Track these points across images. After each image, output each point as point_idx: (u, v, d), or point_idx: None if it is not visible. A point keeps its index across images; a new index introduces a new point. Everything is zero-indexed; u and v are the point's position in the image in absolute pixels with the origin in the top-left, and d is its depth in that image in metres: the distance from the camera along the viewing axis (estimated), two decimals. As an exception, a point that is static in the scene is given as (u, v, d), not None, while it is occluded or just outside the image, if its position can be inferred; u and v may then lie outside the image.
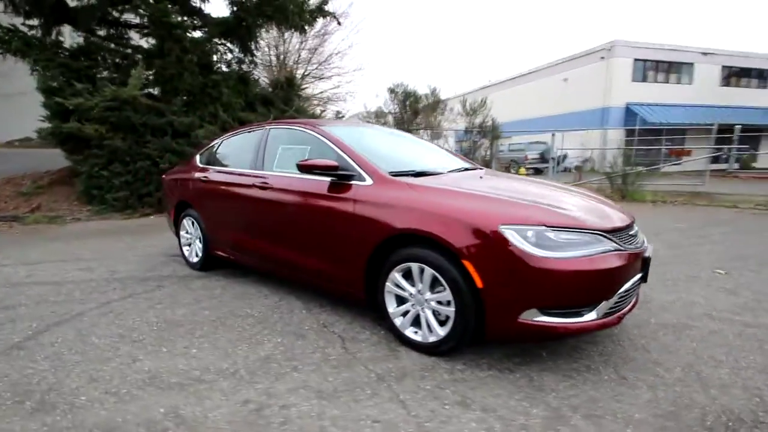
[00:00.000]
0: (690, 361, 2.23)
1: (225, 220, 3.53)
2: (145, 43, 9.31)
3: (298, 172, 2.93)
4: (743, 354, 2.29)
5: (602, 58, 19.85)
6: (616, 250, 2.04)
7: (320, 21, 12.62)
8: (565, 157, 14.92)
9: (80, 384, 2.03)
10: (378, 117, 15.52)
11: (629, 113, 19.60)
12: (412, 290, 2.30)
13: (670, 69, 20.70)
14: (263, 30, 10.37)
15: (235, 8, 9.27)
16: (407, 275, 2.33)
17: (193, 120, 8.25)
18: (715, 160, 11.89)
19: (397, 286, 2.36)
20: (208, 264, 3.90)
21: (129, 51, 9.06)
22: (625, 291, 2.09)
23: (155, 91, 8.67)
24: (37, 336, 2.57)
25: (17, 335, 2.58)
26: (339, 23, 12.42)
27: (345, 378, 2.07)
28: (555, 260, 1.91)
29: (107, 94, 7.02)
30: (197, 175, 3.84)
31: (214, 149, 3.90)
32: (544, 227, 1.96)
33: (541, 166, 15.95)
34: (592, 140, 17.66)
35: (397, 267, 2.32)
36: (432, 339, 2.24)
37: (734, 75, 21.65)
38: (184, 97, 8.42)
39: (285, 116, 10.35)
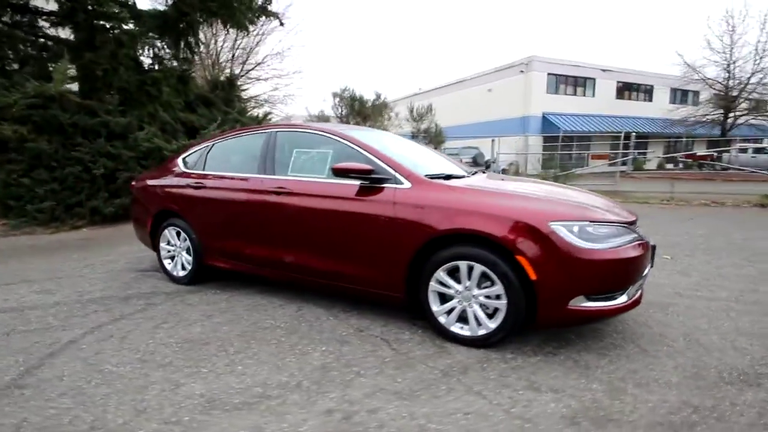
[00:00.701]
0: (685, 331, 2.65)
1: (225, 229, 3.31)
2: (64, 33, 8.19)
3: (319, 176, 2.91)
4: (720, 322, 2.79)
5: (521, 71, 21.90)
6: (637, 240, 2.36)
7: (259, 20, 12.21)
8: (494, 161, 16.17)
9: (128, 418, 1.80)
10: (321, 121, 15.38)
11: (546, 122, 21.89)
12: (459, 287, 2.41)
13: (577, 83, 23.57)
14: (206, 26, 9.72)
15: (175, 1, 8.57)
16: (450, 273, 2.44)
17: (130, 120, 7.45)
18: (614, 163, 13.78)
19: (442, 284, 2.46)
20: (198, 277, 3.61)
21: (49, 42, 7.89)
22: (643, 276, 2.43)
23: (79, 87, 7.66)
24: (34, 371, 2.20)
25: (7, 373, 2.18)
26: (282, 24, 12.09)
27: (413, 377, 2.12)
28: (597, 251, 2.17)
29: (29, 90, 6.06)
30: (186, 181, 3.54)
31: (205, 153, 3.61)
32: (586, 222, 2.22)
33: (475, 169, 17.04)
34: (516, 146, 19.34)
35: (444, 266, 2.42)
36: (482, 332, 2.37)
37: (626, 89, 25.36)
38: (113, 95, 7.57)
39: (228, 118, 9.81)
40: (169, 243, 3.72)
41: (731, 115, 20.79)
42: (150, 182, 3.88)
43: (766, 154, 17.65)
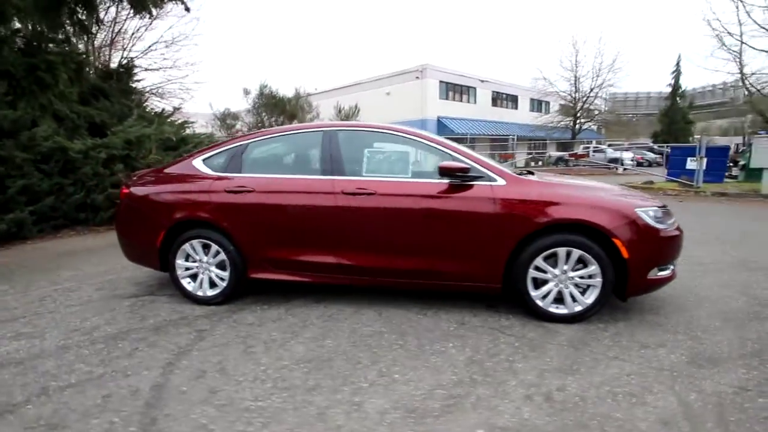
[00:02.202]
0: (684, 310, 3.43)
1: (281, 236, 3.00)
2: None
3: (402, 175, 2.91)
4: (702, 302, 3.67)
5: (417, 77, 23.56)
6: (676, 222, 2.99)
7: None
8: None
9: (345, 446, 1.62)
10: (228, 119, 14.21)
11: (440, 125, 23.99)
12: (556, 271, 2.72)
13: (462, 91, 26.37)
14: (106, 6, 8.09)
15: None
16: (546, 259, 2.72)
17: (23, 114, 5.85)
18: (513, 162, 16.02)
19: (539, 270, 2.73)
20: (234, 294, 3.18)
21: None
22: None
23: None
24: (149, 412, 1.75)
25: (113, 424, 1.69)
26: (187, 9, 10.73)
27: (554, 355, 2.33)
28: (664, 230, 2.70)
29: None
30: (220, 185, 3.06)
31: (238, 154, 3.15)
32: (654, 207, 2.74)
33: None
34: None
35: (543, 254, 2.69)
36: (578, 308, 2.72)
37: (499, 98, 29.38)
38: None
39: (128, 113, 8.39)
40: (188, 259, 3.17)
41: (578, 122, 25.93)
42: (158, 188, 3.23)
43: (602, 153, 22.54)
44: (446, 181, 2.79)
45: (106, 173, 6.80)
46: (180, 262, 3.18)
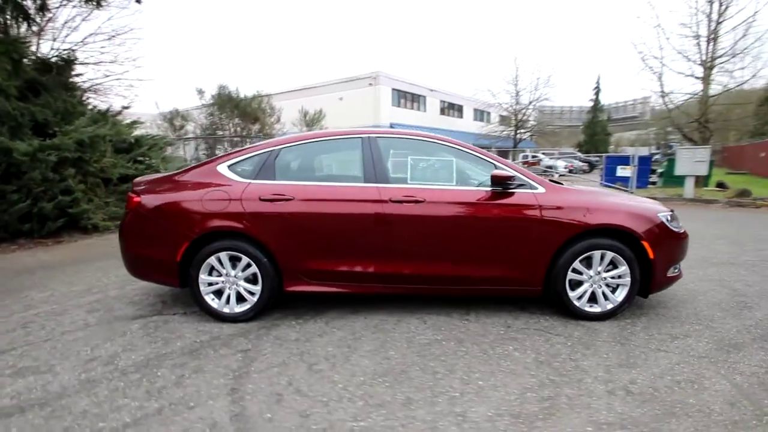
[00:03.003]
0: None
1: (322, 246, 2.87)
2: None
3: (447, 183, 2.95)
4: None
5: (370, 84, 23.75)
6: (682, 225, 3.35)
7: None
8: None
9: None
10: (176, 119, 13.30)
11: (393, 131, 24.42)
12: (590, 272, 2.91)
13: (413, 99, 27.08)
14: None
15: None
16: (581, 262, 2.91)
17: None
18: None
19: (576, 272, 2.91)
20: (264, 309, 2.98)
21: None
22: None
23: None
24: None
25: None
26: (138, 1, 9.84)
27: (606, 351, 2.50)
28: (679, 233, 3.02)
29: None
30: (253, 192, 2.86)
31: (270, 160, 2.95)
32: (670, 212, 3.05)
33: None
34: None
35: (580, 257, 2.88)
36: (610, 306, 2.94)
37: (447, 107, 30.58)
38: None
39: (74, 110, 7.50)
40: (212, 273, 2.92)
41: (519, 131, 27.82)
42: (180, 196, 2.93)
43: (540, 160, 24.37)
44: (490, 189, 2.88)
45: (55, 178, 6.00)
46: (203, 277, 2.91)
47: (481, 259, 2.90)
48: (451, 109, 31.03)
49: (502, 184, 2.83)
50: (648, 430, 1.77)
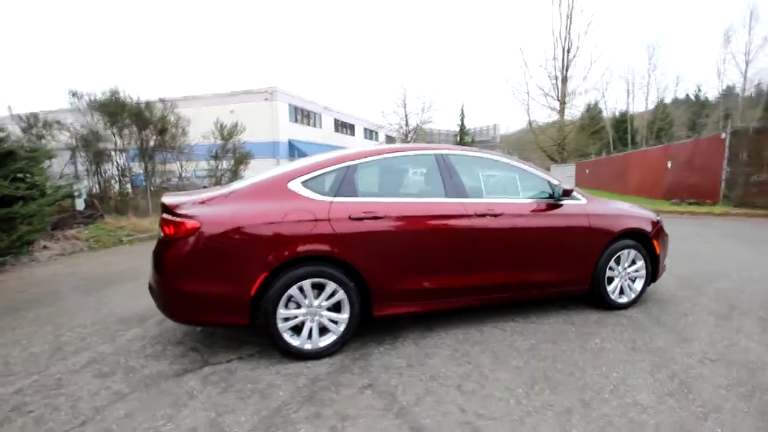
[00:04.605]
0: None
1: (414, 264, 2.75)
2: None
3: (513, 197, 3.18)
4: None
5: (266, 99, 22.65)
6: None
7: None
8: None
9: None
10: (38, 126, 10.80)
11: (291, 147, 23.64)
12: (619, 269, 3.45)
13: (309, 116, 26.74)
14: None
15: None
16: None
17: None
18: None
19: (610, 269, 3.42)
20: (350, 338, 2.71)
21: None
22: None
23: None
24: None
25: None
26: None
27: (663, 333, 2.99)
28: (666, 232, 3.81)
29: None
30: (346, 210, 2.58)
31: (349, 176, 2.69)
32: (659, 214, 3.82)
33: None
34: (266, 167, 20.00)
35: (614, 257, 3.39)
36: (633, 296, 3.51)
37: (340, 125, 31.03)
38: None
39: None
40: (290, 305, 2.53)
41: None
42: (252, 218, 2.44)
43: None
44: (546, 200, 3.19)
45: None
46: (282, 311, 2.50)
47: (546, 265, 3.17)
48: (344, 127, 31.70)
49: (568, 197, 3.17)
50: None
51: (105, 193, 10.07)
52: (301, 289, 2.53)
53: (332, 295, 2.60)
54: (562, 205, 3.22)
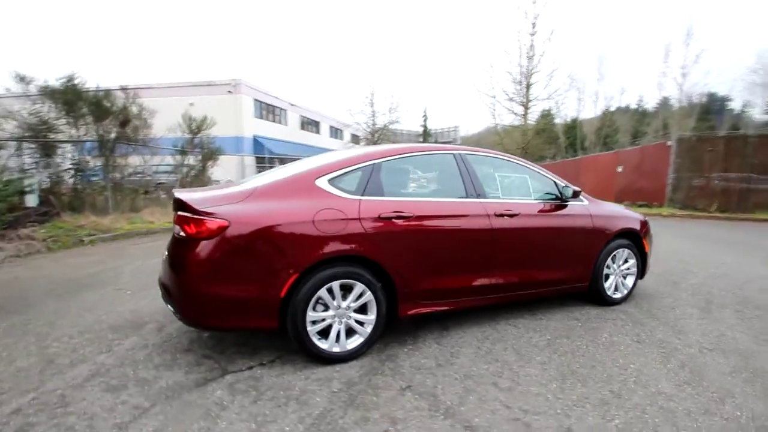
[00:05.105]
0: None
1: (440, 263, 2.78)
2: None
3: (526, 198, 3.29)
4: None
5: (230, 92, 21.70)
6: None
7: None
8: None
9: (715, 420, 1.97)
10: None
11: (257, 143, 22.83)
12: (615, 267, 3.67)
13: (275, 112, 25.94)
14: None
15: None
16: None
17: None
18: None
19: (607, 267, 3.62)
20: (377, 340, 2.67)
21: None
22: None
23: None
24: None
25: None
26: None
27: (662, 325, 3.21)
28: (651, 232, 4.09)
29: None
30: (376, 209, 2.54)
31: (375, 175, 2.64)
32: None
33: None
34: (230, 164, 19.27)
35: (611, 255, 3.60)
36: (625, 292, 3.75)
37: (306, 123, 30.38)
38: None
39: None
40: (317, 308, 2.46)
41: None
42: (282, 217, 2.33)
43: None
44: (554, 201, 3.33)
45: None
46: (311, 314, 2.43)
47: (555, 263, 3.31)
48: (310, 124, 31.13)
49: (576, 198, 3.32)
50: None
51: (57, 188, 9.22)
52: (329, 291, 2.46)
53: (360, 296, 2.56)
54: (567, 206, 3.37)
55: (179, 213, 2.42)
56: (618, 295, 3.71)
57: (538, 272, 3.24)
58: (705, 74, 33.78)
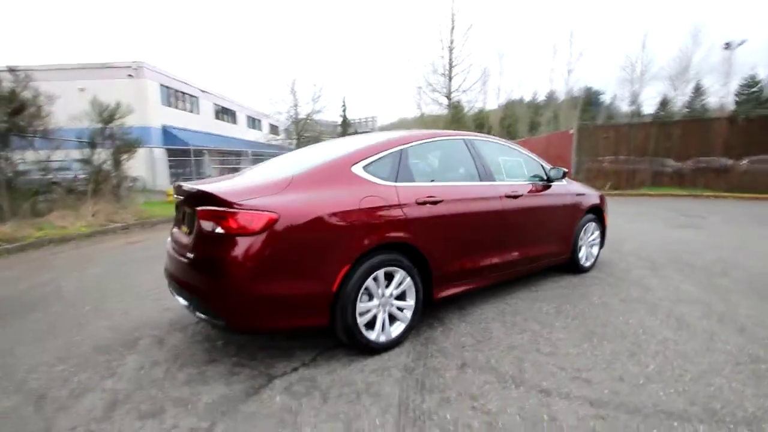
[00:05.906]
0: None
1: (464, 246, 2.88)
2: None
3: (522, 179, 3.54)
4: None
5: (130, 75, 18.98)
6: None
7: None
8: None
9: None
10: None
11: (167, 134, 20.44)
12: (585, 238, 4.16)
13: (185, 100, 23.37)
14: None
15: None
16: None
17: None
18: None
19: (581, 239, 4.09)
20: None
21: None
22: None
23: None
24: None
25: None
26: None
27: (634, 285, 3.74)
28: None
29: None
30: (413, 194, 2.53)
31: (404, 160, 2.60)
32: (600, 194, 4.68)
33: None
34: (140, 158, 17.23)
35: (583, 228, 4.07)
36: (592, 260, 4.27)
37: (221, 112, 27.95)
38: None
39: None
40: (366, 296, 2.40)
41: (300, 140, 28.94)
42: (329, 206, 2.19)
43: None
44: (543, 182, 3.65)
45: None
46: (360, 305, 2.36)
47: (549, 238, 3.64)
48: (225, 114, 28.83)
49: (564, 178, 3.66)
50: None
51: None
52: (375, 279, 2.42)
53: (400, 283, 2.55)
54: (552, 186, 3.71)
55: (206, 208, 2.15)
56: (587, 264, 4.21)
57: (536, 248, 3.54)
58: (586, 71, 38.84)
